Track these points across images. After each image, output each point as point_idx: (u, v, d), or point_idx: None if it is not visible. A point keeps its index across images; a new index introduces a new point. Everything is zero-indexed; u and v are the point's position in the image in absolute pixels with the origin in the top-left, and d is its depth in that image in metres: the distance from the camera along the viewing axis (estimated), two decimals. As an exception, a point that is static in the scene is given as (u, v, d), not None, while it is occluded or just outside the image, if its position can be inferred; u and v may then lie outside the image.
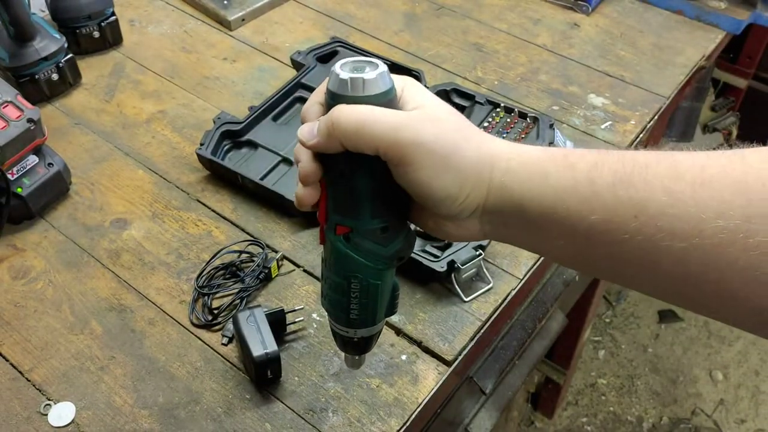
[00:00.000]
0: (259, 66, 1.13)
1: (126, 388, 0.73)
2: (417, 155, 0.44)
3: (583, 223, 0.43)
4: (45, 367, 0.75)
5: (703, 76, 1.40)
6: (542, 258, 0.84)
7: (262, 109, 0.98)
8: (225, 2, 1.21)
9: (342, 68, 0.45)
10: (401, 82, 0.48)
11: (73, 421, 0.70)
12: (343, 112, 0.44)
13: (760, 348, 2.06)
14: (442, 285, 0.82)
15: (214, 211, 0.90)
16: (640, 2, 1.27)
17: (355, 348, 0.55)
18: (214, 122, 0.95)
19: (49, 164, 0.89)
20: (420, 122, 0.45)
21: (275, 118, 1.00)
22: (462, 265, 0.78)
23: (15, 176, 0.86)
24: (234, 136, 0.96)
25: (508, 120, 0.97)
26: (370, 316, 0.52)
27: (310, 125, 0.47)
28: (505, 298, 0.81)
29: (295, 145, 0.49)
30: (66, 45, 1.03)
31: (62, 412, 0.71)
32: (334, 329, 0.55)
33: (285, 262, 0.85)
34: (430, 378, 0.74)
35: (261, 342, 0.71)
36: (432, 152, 0.45)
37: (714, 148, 0.42)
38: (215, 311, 0.79)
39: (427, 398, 0.73)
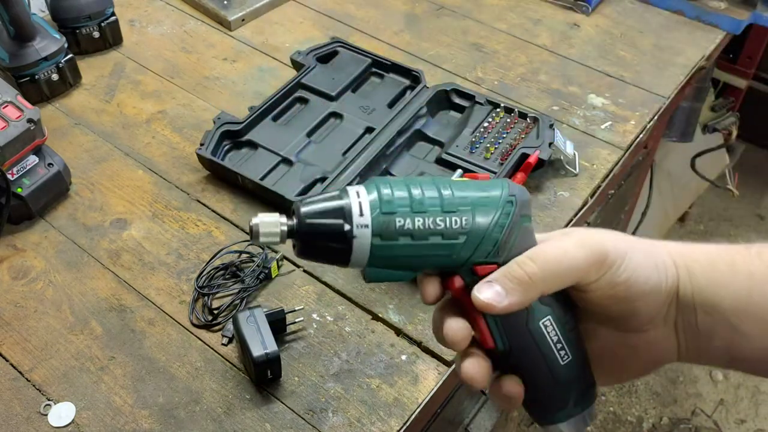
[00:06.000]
0: (259, 66, 1.13)
1: (126, 388, 0.73)
2: (619, 250, 0.41)
3: None
4: (45, 367, 0.75)
5: (703, 76, 1.39)
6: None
7: (262, 109, 0.98)
8: (225, 2, 1.21)
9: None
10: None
11: (73, 421, 0.70)
12: (538, 255, 0.41)
13: (760, 348, 2.06)
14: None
15: (214, 211, 0.90)
16: (640, 2, 1.27)
17: None
18: (214, 122, 0.95)
19: (49, 164, 0.89)
20: (590, 230, 0.42)
21: (275, 118, 1.00)
22: None
23: (15, 176, 0.86)
24: (234, 136, 0.96)
25: (508, 120, 0.97)
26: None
27: (490, 287, 0.41)
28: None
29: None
30: (66, 45, 1.03)
31: (62, 412, 0.71)
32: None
33: (285, 262, 0.85)
34: (430, 378, 0.74)
35: (261, 342, 0.71)
36: (628, 242, 0.42)
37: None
38: (215, 311, 0.79)
39: (427, 398, 0.73)
